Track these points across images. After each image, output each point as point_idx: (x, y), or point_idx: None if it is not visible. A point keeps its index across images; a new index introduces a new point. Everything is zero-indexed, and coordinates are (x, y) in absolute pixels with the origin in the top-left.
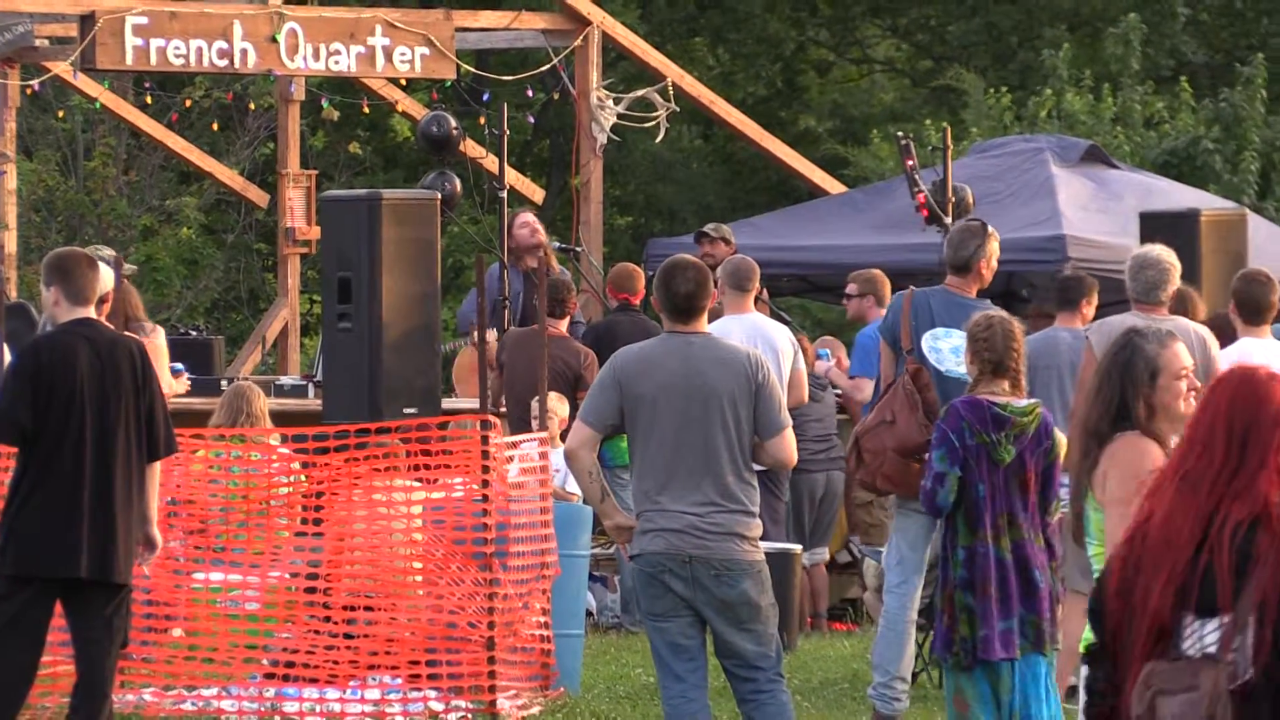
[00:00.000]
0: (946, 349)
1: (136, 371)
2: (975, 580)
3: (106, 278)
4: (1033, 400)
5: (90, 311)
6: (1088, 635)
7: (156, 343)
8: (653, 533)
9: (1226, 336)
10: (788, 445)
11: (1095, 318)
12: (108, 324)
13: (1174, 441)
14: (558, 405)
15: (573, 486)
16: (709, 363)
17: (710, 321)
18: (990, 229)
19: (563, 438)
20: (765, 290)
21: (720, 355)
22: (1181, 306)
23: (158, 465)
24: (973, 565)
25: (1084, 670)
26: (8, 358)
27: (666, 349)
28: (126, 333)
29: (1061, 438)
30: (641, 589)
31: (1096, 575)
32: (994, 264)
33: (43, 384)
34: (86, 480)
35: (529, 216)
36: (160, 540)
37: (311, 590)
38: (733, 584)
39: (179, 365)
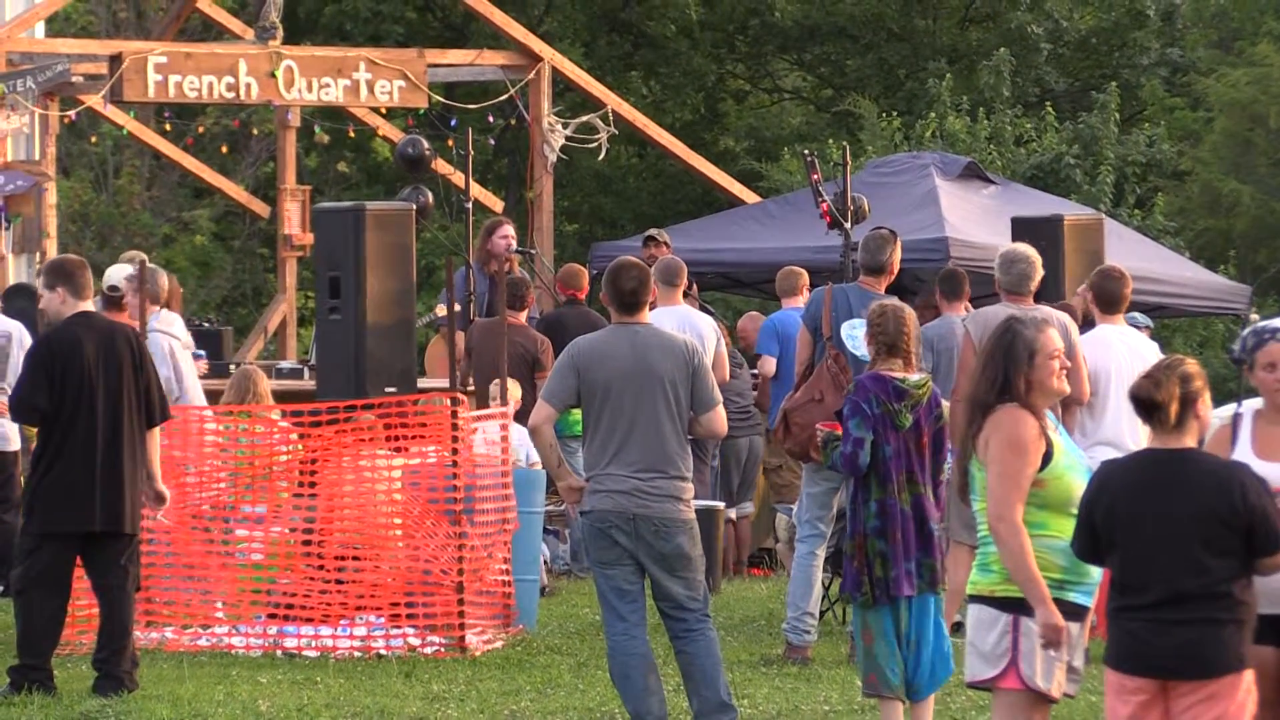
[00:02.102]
0: (861, 336)
1: (134, 353)
2: (886, 528)
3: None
4: (924, 375)
5: (89, 305)
6: (973, 579)
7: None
8: (603, 493)
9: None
10: (719, 418)
11: (967, 306)
12: (123, 316)
13: (1047, 412)
14: (514, 388)
15: (534, 457)
16: (653, 349)
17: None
18: (898, 237)
19: (519, 417)
20: (694, 285)
21: (663, 342)
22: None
23: (156, 431)
24: (884, 515)
25: (970, 609)
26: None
27: (616, 338)
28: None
29: (948, 406)
30: (591, 541)
31: (980, 529)
32: (898, 266)
33: (56, 370)
34: (98, 448)
35: (510, 230)
36: (167, 494)
37: (307, 543)
38: (669, 539)
39: (200, 351)
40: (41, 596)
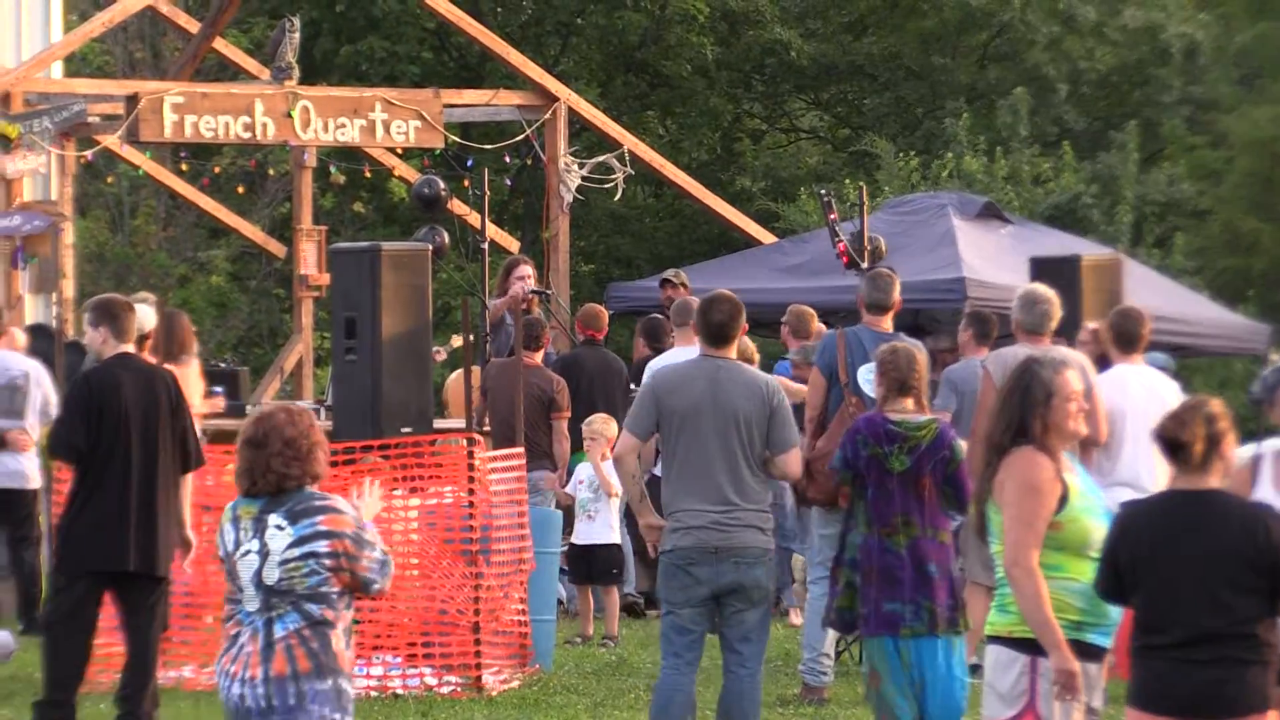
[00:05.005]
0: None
1: (171, 397)
2: (861, 565)
3: (148, 318)
4: (930, 417)
5: (130, 347)
6: (991, 619)
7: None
8: (682, 530)
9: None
10: (795, 460)
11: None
12: (148, 357)
13: (1064, 455)
14: (610, 425)
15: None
16: (733, 385)
17: (660, 354)
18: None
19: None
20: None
21: (743, 379)
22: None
23: (190, 477)
24: (862, 553)
25: (988, 650)
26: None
27: (698, 371)
28: (167, 364)
29: (961, 446)
30: (668, 578)
31: (998, 570)
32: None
33: (94, 410)
34: (133, 490)
35: (530, 270)
36: (194, 540)
37: None
38: (750, 568)
39: (217, 389)
40: (68, 633)
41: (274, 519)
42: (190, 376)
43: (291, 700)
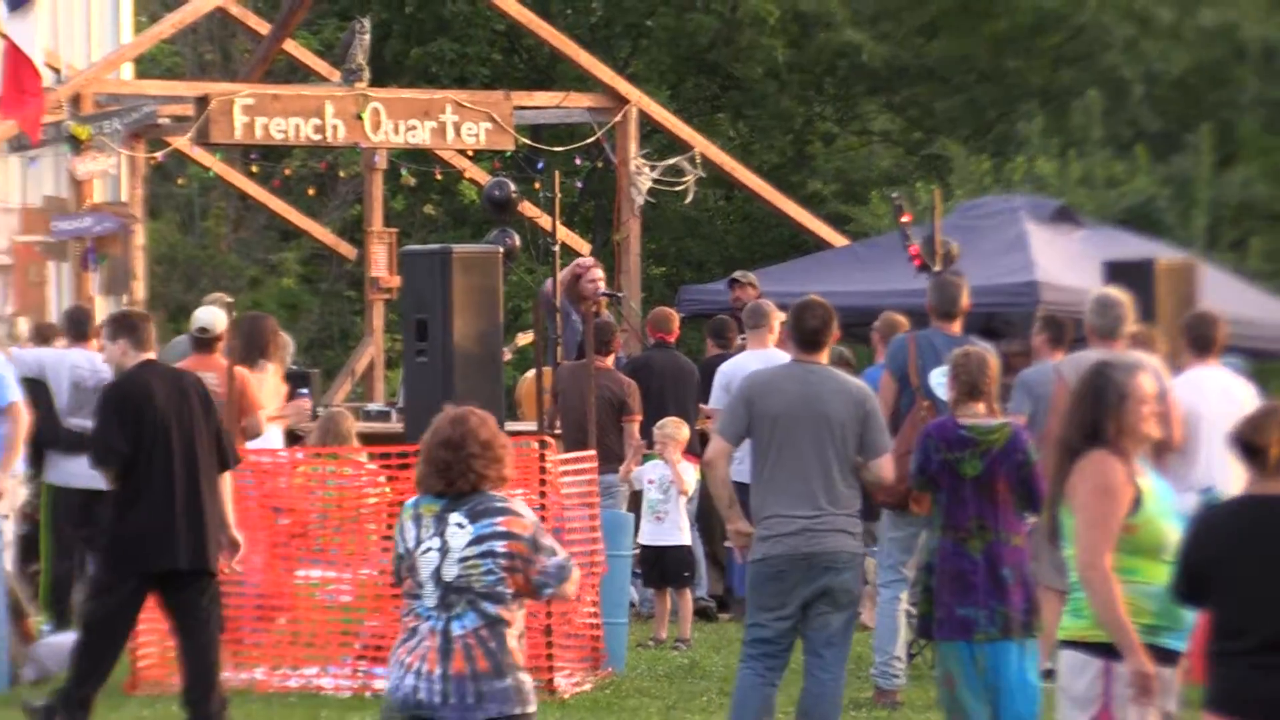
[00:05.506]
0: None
1: (202, 399)
2: (935, 568)
3: (219, 320)
4: (1003, 420)
5: (151, 355)
6: (1064, 623)
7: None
8: (773, 539)
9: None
10: (889, 465)
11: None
12: (220, 360)
13: (1137, 458)
14: (682, 428)
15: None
16: (825, 390)
17: (726, 352)
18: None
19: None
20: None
21: (836, 384)
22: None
23: (228, 476)
24: (938, 556)
25: (1061, 654)
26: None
27: (790, 375)
28: (242, 368)
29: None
30: (758, 585)
31: (1071, 574)
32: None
33: (129, 415)
34: (178, 488)
35: (599, 273)
36: (242, 540)
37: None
38: (840, 572)
39: (303, 390)
40: (109, 634)
41: (455, 517)
42: (265, 382)
43: (470, 699)
